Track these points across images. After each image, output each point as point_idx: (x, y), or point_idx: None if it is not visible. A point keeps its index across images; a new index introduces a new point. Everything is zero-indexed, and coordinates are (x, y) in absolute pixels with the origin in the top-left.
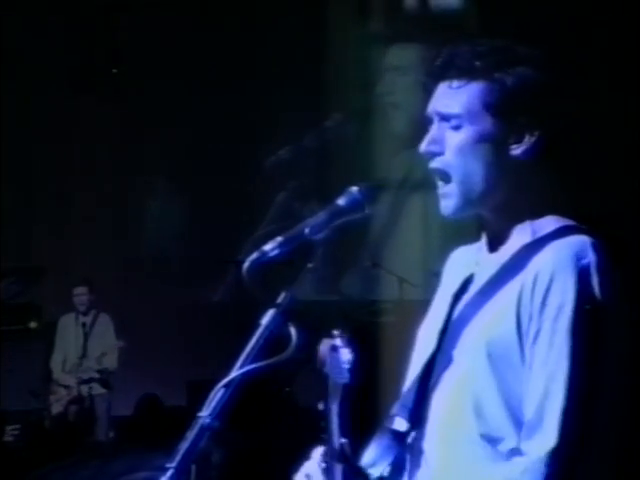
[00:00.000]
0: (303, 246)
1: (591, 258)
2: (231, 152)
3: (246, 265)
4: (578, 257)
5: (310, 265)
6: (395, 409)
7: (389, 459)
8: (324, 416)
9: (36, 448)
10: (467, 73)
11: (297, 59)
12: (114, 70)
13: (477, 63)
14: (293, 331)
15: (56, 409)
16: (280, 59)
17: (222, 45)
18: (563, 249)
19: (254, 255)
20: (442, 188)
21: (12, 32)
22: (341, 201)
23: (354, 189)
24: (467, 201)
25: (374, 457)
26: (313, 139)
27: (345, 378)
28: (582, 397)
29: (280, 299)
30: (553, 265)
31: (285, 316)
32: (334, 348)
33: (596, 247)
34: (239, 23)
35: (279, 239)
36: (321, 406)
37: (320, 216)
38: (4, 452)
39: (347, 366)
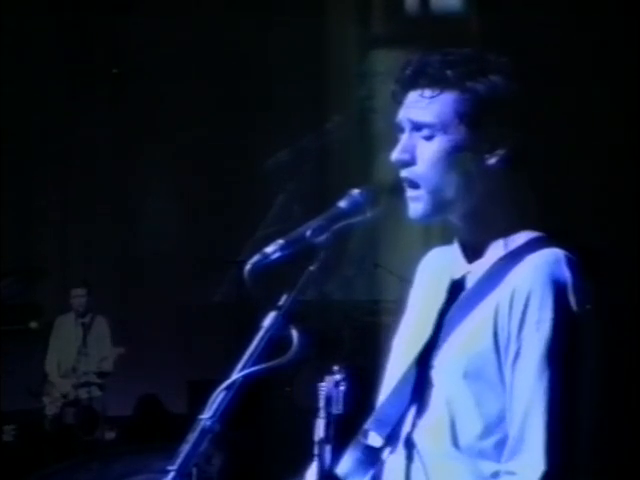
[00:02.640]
0: (305, 249)
1: (567, 274)
2: (231, 152)
3: (248, 267)
4: (554, 274)
5: (312, 268)
6: (369, 424)
7: (363, 474)
8: (319, 446)
9: (36, 448)
10: (439, 82)
11: (298, 60)
12: (114, 70)
13: (448, 72)
14: (295, 333)
15: (51, 410)
16: (280, 60)
17: (222, 45)
18: (539, 266)
19: (256, 257)
20: (411, 192)
21: (12, 32)
22: (342, 204)
23: (355, 192)
24: (436, 208)
25: (346, 471)
26: (313, 141)
27: (340, 409)
28: (564, 414)
29: (281, 301)
30: (530, 282)
31: (286, 318)
32: (336, 384)
33: (570, 261)
34: (239, 24)
35: (280, 241)
36: (317, 437)
37: (321, 219)
38: (4, 452)
39: (343, 398)
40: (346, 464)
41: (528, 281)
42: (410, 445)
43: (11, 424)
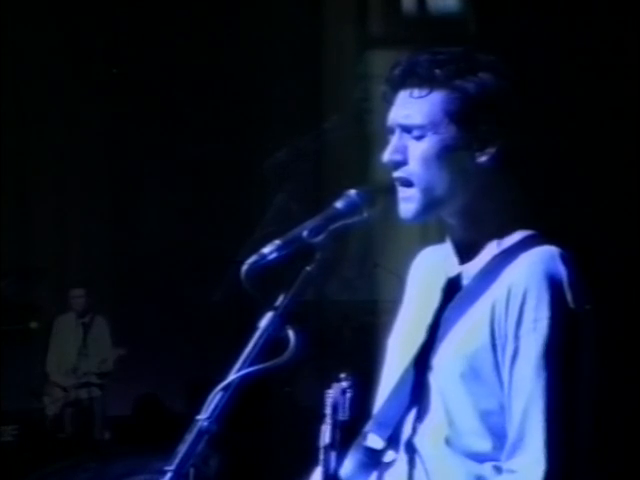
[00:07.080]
0: (301, 249)
1: (563, 271)
2: (230, 152)
3: (245, 268)
4: (550, 271)
5: (308, 268)
6: (370, 426)
7: (365, 477)
8: (324, 452)
9: (35, 448)
10: (427, 82)
11: (296, 60)
12: (114, 70)
13: (437, 71)
14: (291, 334)
15: (52, 411)
16: (278, 60)
17: (221, 45)
18: (534, 263)
19: (252, 258)
20: (403, 192)
21: (12, 32)
22: (339, 204)
23: (352, 192)
24: (428, 206)
25: (349, 474)
26: (311, 141)
27: (346, 416)
28: (563, 412)
29: (278, 302)
30: (526, 280)
31: (283, 319)
32: (343, 392)
33: (565, 258)
34: (239, 24)
35: (277, 242)
36: (323, 443)
37: (318, 219)
38: (3, 452)
39: (349, 404)
40: (348, 467)
41: (524, 279)
42: (410, 448)
43: (11, 424)
